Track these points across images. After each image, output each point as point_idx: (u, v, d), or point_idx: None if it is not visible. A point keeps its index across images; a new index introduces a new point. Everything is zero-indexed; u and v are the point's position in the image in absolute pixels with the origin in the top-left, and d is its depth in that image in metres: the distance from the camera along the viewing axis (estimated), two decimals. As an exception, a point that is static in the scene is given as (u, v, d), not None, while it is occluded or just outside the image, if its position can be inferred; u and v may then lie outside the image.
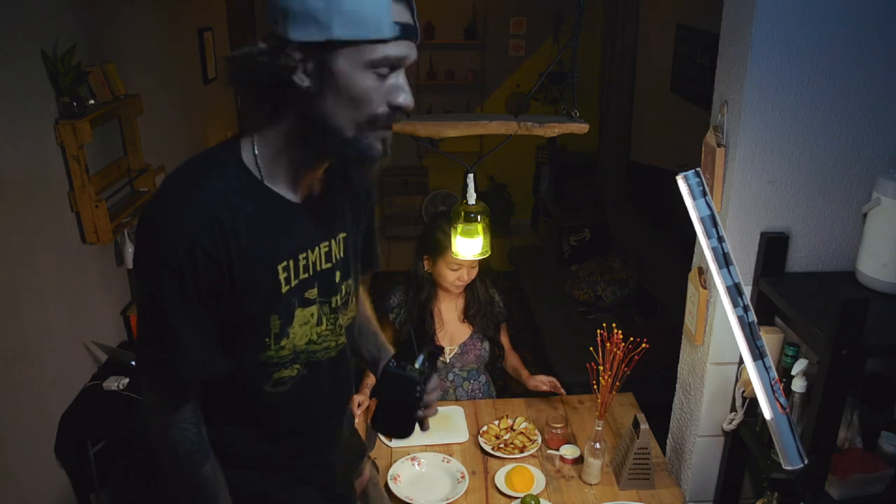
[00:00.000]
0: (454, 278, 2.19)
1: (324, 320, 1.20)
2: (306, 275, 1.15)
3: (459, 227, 1.73)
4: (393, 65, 1.02)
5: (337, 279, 1.22)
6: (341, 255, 1.22)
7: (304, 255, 1.14)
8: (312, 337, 1.19)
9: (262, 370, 1.15)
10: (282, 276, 1.11)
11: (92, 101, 2.54)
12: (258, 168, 1.07)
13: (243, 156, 1.07)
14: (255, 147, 1.07)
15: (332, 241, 1.20)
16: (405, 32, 1.01)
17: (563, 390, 2.21)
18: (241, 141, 1.08)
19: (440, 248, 2.18)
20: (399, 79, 1.03)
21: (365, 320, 1.50)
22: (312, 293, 1.16)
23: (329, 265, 1.19)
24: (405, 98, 1.03)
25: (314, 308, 1.18)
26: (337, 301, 1.23)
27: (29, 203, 2.22)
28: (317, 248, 1.17)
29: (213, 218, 1.01)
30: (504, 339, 2.46)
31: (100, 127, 2.61)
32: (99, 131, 2.60)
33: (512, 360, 2.44)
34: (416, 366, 1.24)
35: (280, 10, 0.97)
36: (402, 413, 1.26)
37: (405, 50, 1.02)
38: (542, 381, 2.24)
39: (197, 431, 1.13)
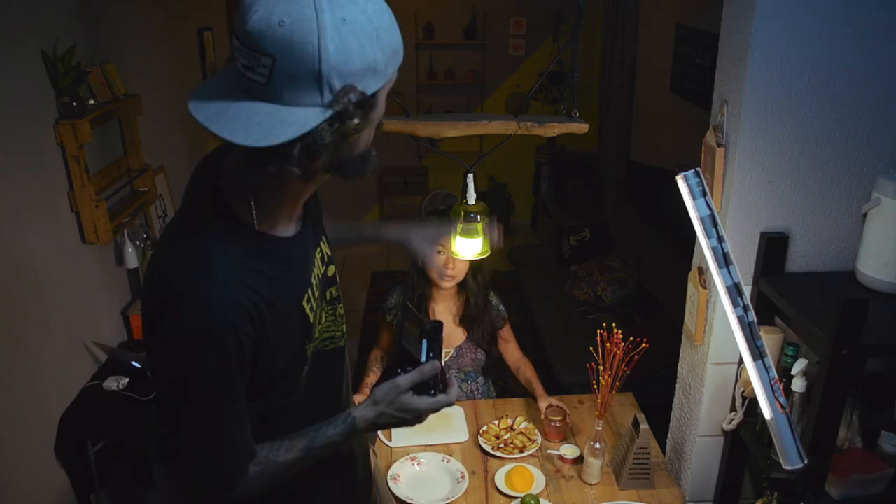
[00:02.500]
0: (440, 265, 2.18)
1: (323, 315, 1.21)
2: (318, 291, 1.16)
3: (459, 226, 1.72)
4: None
5: (331, 273, 1.23)
6: (328, 250, 1.23)
7: (313, 274, 1.15)
8: (316, 335, 1.20)
9: (293, 391, 1.15)
10: (307, 310, 1.11)
11: (92, 101, 2.54)
12: (254, 219, 1.02)
13: (237, 211, 1.01)
14: (254, 204, 1.01)
15: (321, 244, 1.21)
16: None
17: (568, 421, 2.15)
18: (231, 194, 1.02)
19: None
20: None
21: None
22: (317, 300, 1.18)
23: (324, 268, 1.20)
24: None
25: (320, 311, 1.19)
26: (333, 292, 1.23)
27: (29, 203, 2.22)
28: (316, 260, 1.17)
29: (243, 293, 0.98)
30: (512, 348, 2.41)
31: (100, 127, 2.61)
32: (99, 131, 2.60)
33: (526, 371, 2.35)
34: (423, 360, 1.19)
35: (350, 74, 0.87)
36: None
37: None
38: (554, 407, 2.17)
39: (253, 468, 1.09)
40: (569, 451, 1.99)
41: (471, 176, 1.66)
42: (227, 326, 0.96)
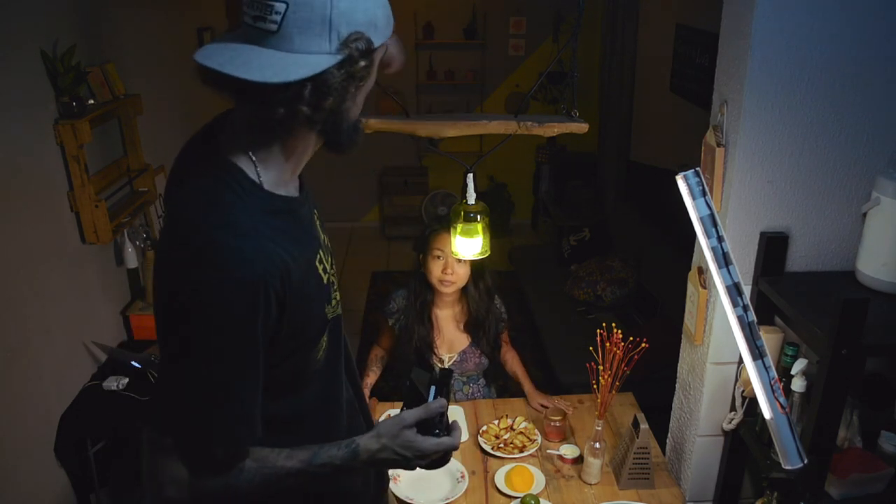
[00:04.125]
0: (439, 270, 2.19)
1: (333, 282, 1.21)
2: (328, 255, 1.16)
3: (459, 226, 1.73)
4: None
5: (327, 242, 1.22)
6: (321, 216, 1.23)
7: (322, 238, 1.16)
8: (334, 300, 1.19)
9: (313, 360, 1.13)
10: (320, 269, 1.11)
11: (92, 101, 2.54)
12: (260, 179, 1.02)
13: (247, 172, 1.01)
14: (256, 162, 1.02)
15: (315, 210, 1.19)
16: None
17: (570, 410, 2.19)
18: (233, 156, 1.02)
19: (426, 241, 2.22)
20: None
21: None
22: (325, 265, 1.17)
23: (324, 234, 1.20)
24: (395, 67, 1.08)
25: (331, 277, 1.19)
26: (331, 259, 1.22)
27: (29, 203, 2.22)
28: (317, 225, 1.17)
29: (269, 246, 0.97)
30: (505, 347, 2.43)
31: (99, 127, 2.61)
32: (99, 131, 2.60)
33: (513, 364, 2.40)
34: (430, 399, 1.17)
35: (355, 23, 0.93)
36: None
37: None
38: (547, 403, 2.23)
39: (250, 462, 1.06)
40: (569, 450, 1.99)
41: (470, 176, 1.67)
42: (258, 275, 0.94)
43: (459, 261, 2.16)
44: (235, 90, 0.94)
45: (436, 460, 1.18)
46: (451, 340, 2.31)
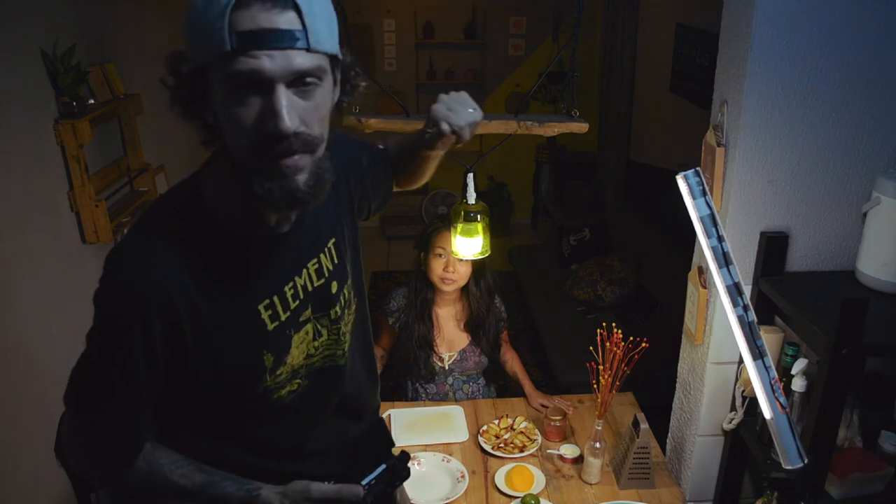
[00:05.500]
0: (440, 268, 2.19)
1: (323, 332, 1.17)
2: (297, 302, 1.11)
3: (459, 226, 1.73)
4: (250, 83, 0.87)
5: (333, 290, 1.17)
6: (334, 263, 1.18)
7: (291, 284, 1.10)
8: (310, 351, 1.15)
9: (260, 396, 1.11)
10: (265, 315, 1.06)
11: (92, 101, 2.54)
12: (216, 209, 1.02)
13: (206, 205, 1.02)
14: (207, 195, 1.02)
15: (321, 255, 1.15)
16: (257, 41, 0.84)
17: (570, 410, 2.19)
18: (201, 181, 1.04)
19: (428, 239, 2.22)
20: (272, 100, 0.87)
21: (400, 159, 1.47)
22: (306, 314, 1.13)
23: (322, 281, 1.15)
24: (275, 125, 0.87)
25: (309, 326, 1.14)
26: (337, 311, 1.18)
27: (29, 203, 2.22)
28: (304, 271, 1.12)
29: (170, 282, 0.97)
30: (505, 346, 2.43)
31: (99, 127, 2.61)
32: (99, 131, 2.60)
33: (513, 364, 2.40)
34: (362, 481, 1.09)
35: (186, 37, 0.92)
36: None
37: (258, 63, 0.85)
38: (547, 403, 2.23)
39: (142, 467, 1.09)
40: (569, 450, 2.00)
41: (471, 175, 1.67)
42: (133, 307, 0.97)
43: (461, 259, 2.16)
44: None
45: None
46: (451, 339, 2.31)
